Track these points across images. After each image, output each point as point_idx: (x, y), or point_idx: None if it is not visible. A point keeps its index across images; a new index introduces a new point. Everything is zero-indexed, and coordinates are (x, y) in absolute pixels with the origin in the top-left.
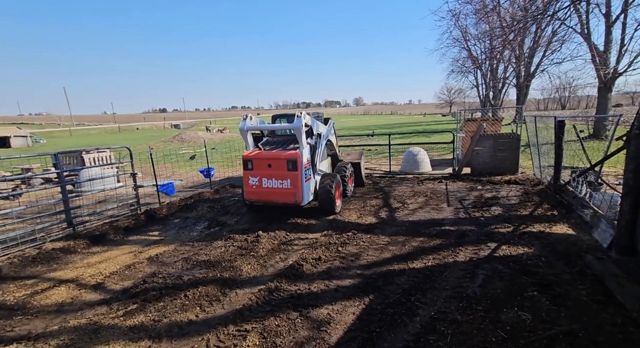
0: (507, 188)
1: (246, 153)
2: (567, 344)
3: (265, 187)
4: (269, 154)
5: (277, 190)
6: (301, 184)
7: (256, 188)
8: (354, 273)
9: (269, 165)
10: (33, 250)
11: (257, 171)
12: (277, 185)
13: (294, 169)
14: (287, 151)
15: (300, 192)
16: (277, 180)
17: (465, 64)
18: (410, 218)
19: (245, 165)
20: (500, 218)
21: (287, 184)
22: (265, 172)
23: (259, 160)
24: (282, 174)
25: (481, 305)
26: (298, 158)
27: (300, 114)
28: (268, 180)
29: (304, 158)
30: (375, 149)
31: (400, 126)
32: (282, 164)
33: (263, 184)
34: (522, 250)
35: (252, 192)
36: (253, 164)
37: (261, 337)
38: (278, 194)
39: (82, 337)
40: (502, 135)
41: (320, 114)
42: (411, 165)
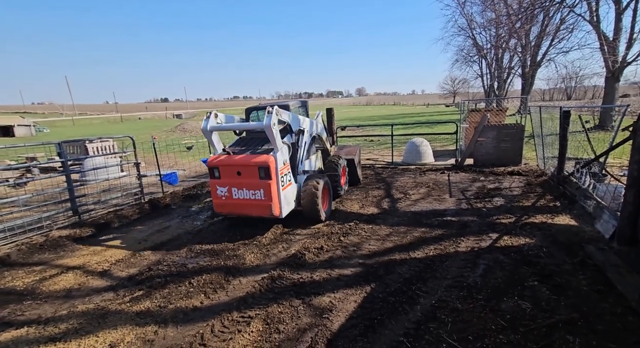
0: (510, 179)
1: (212, 158)
2: (566, 332)
3: (236, 199)
4: (238, 159)
5: (249, 201)
6: (277, 194)
7: (226, 199)
8: (356, 262)
9: (238, 173)
10: (40, 238)
11: (226, 180)
12: (249, 196)
13: (267, 176)
14: (258, 155)
15: (276, 204)
16: (249, 190)
17: (470, 53)
18: (412, 208)
19: (212, 173)
20: (503, 209)
21: (260, 195)
22: (235, 180)
23: (226, 167)
24: (254, 182)
25: (482, 294)
26: (271, 163)
27: (271, 110)
28: (238, 191)
29: (279, 162)
30: (377, 140)
31: (403, 117)
32: (253, 171)
33: (233, 195)
34: (524, 240)
35: (221, 204)
36: (220, 171)
37: (265, 323)
38: (251, 207)
39: (90, 322)
40: (506, 126)
41: (304, 103)
42: (414, 156)
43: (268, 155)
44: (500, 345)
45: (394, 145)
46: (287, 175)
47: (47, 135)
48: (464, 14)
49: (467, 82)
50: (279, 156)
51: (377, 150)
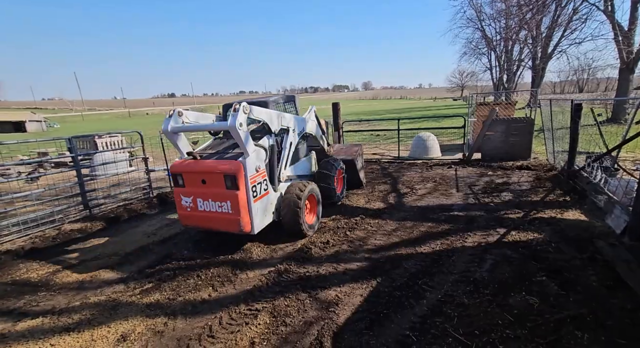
0: (518, 174)
1: (175, 163)
2: (575, 328)
3: (202, 210)
4: (203, 165)
5: (215, 214)
6: (247, 207)
7: (191, 211)
8: (362, 257)
9: (203, 181)
10: (53, 231)
11: (190, 188)
12: (215, 208)
13: (234, 186)
14: (226, 161)
15: (245, 218)
16: (215, 201)
17: (479, 45)
18: (419, 203)
19: (175, 180)
20: (511, 204)
21: (227, 207)
22: (200, 190)
23: (190, 174)
24: (220, 193)
25: (489, 289)
26: (238, 171)
27: (238, 107)
28: (204, 202)
29: (249, 169)
30: (384, 134)
31: (410, 111)
32: (219, 180)
33: (198, 206)
34: (532, 235)
35: (186, 216)
36: (184, 178)
37: (272, 316)
38: (217, 220)
39: (102, 313)
40: (515, 120)
41: (291, 98)
42: (420, 150)
43: (236, 161)
44: (507, 340)
45: (401, 139)
46: (261, 183)
47: (57, 131)
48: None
49: (476, 75)
50: (249, 162)
51: (384, 145)
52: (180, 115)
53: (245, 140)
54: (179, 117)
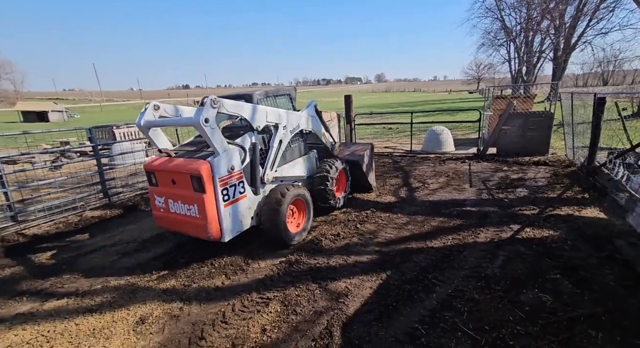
0: (535, 169)
1: (149, 160)
2: (589, 327)
3: (173, 212)
4: (173, 164)
5: (184, 218)
6: (216, 211)
7: (163, 212)
8: (372, 250)
9: (173, 181)
10: (75, 217)
11: (163, 188)
12: (184, 211)
13: (200, 189)
14: (194, 161)
15: (213, 224)
16: (184, 203)
17: (498, 36)
18: (431, 198)
19: (149, 178)
20: (526, 200)
21: (195, 211)
22: (170, 190)
23: (161, 172)
24: (188, 195)
25: (500, 285)
26: (204, 172)
27: (205, 101)
28: (174, 203)
29: (219, 170)
30: (396, 128)
31: (424, 104)
32: (186, 181)
33: (170, 208)
34: (547, 232)
35: (159, 216)
36: (157, 177)
37: (282, 305)
38: (187, 224)
39: (122, 296)
40: (533, 114)
41: (287, 92)
42: (433, 144)
43: (203, 161)
44: (518, 336)
45: (413, 133)
46: (235, 186)
47: (77, 121)
48: None
49: (493, 68)
50: (219, 162)
51: (396, 138)
52: (156, 108)
53: (213, 137)
54: (155, 111)
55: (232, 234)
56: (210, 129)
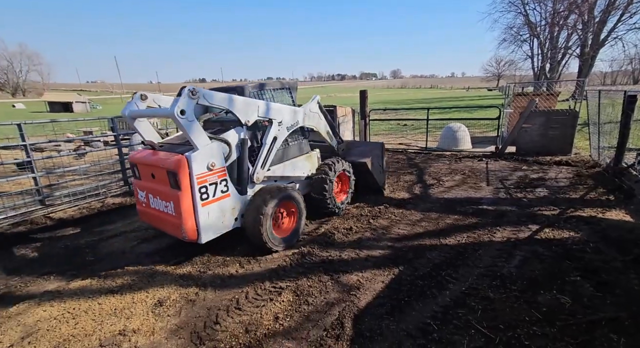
0: (556, 169)
1: (134, 152)
2: (610, 331)
3: (153, 208)
4: (154, 157)
5: (162, 215)
6: (192, 210)
7: (145, 207)
8: (384, 245)
9: (153, 176)
10: (97, 203)
11: (144, 182)
12: (162, 208)
13: (176, 185)
14: (172, 155)
15: (189, 224)
16: (162, 200)
17: (521, 31)
18: (446, 195)
19: (133, 171)
20: (546, 200)
21: (171, 209)
22: (151, 185)
23: (142, 166)
24: (166, 191)
25: (516, 285)
26: (180, 168)
27: (182, 91)
28: (154, 199)
29: (197, 165)
30: (411, 124)
31: (440, 101)
32: (164, 176)
33: (150, 203)
34: (568, 234)
35: (142, 211)
36: (139, 170)
37: (295, 294)
38: (164, 222)
39: (141, 279)
40: (556, 112)
41: (287, 86)
42: (450, 141)
43: (180, 155)
44: (534, 337)
45: (429, 130)
46: (217, 184)
47: (99, 112)
48: None
49: (515, 64)
50: (197, 157)
51: (411, 135)
52: (143, 98)
53: (190, 130)
54: (142, 101)
55: (211, 236)
56: (186, 122)
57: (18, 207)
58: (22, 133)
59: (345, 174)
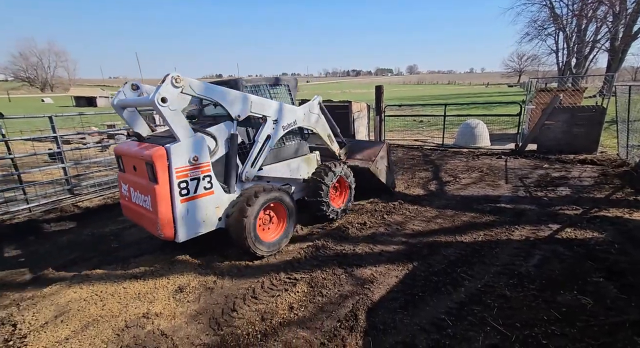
0: (580, 168)
1: (120, 144)
2: (635, 333)
3: (134, 203)
4: (136, 148)
5: (142, 210)
6: (169, 206)
7: (127, 201)
8: (399, 240)
9: (135, 168)
10: None
11: (128, 175)
12: (141, 203)
13: (153, 179)
14: (153, 146)
15: (165, 220)
16: (141, 193)
17: (545, 25)
18: (462, 193)
19: (118, 163)
20: (568, 199)
21: (149, 204)
22: (133, 178)
23: (125, 158)
24: (145, 185)
25: (534, 284)
26: (157, 159)
27: (167, 78)
28: (134, 192)
29: (177, 158)
30: (427, 121)
31: (458, 97)
32: (144, 168)
33: (132, 197)
34: (591, 234)
35: (125, 205)
36: (123, 162)
37: (309, 286)
38: (144, 218)
39: (163, 267)
40: (582, 108)
41: (286, 83)
42: (467, 138)
43: (159, 146)
44: (552, 337)
45: (446, 126)
46: (199, 179)
47: None
48: None
49: (538, 59)
50: (178, 149)
51: (427, 132)
52: (134, 88)
53: (172, 121)
54: (133, 91)
55: (189, 235)
56: (168, 111)
57: (49, 196)
58: (53, 125)
59: (344, 178)
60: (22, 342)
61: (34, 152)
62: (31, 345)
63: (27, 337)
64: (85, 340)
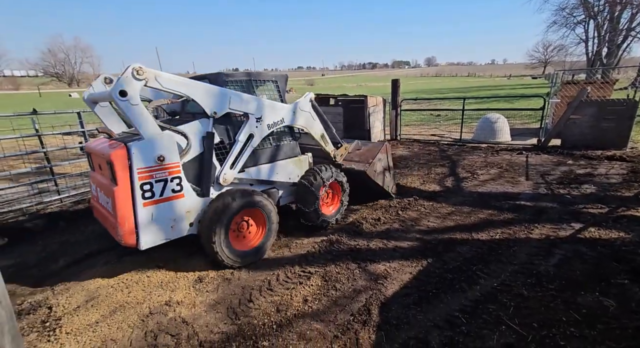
0: (607, 165)
1: (91, 140)
2: None
3: (100, 204)
4: (101, 146)
5: (106, 212)
6: (130, 210)
7: (95, 201)
8: (413, 236)
9: (100, 167)
10: None
11: (96, 174)
12: (104, 204)
13: (113, 180)
14: (118, 144)
15: (126, 225)
16: (105, 195)
17: (574, 12)
18: (479, 189)
19: (88, 161)
20: (593, 197)
21: (110, 206)
22: (99, 177)
23: (93, 155)
24: (107, 185)
25: (554, 284)
26: (117, 158)
27: (124, 72)
28: (100, 193)
29: (140, 157)
30: (445, 115)
31: (478, 90)
32: (106, 168)
33: (99, 198)
34: (617, 234)
35: (94, 206)
36: (92, 160)
37: (323, 280)
38: (107, 221)
39: (183, 257)
40: (611, 102)
41: (274, 78)
42: (486, 133)
43: (120, 144)
44: (571, 338)
45: (464, 121)
46: (166, 181)
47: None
48: None
49: (565, 49)
50: (140, 148)
51: (444, 126)
52: (107, 82)
53: (134, 116)
54: (107, 84)
55: (155, 242)
56: (128, 105)
57: (78, 187)
58: (81, 121)
59: (337, 183)
60: (57, 324)
61: (64, 146)
62: (65, 327)
63: (61, 319)
64: (113, 325)
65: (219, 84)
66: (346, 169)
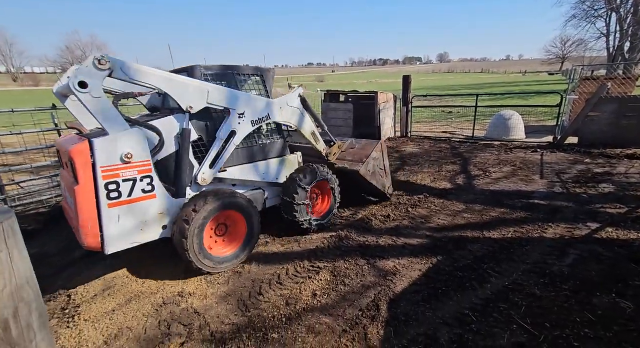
0: (627, 164)
1: (61, 137)
2: None
3: (67, 204)
4: (67, 143)
5: (71, 213)
6: (95, 212)
7: (64, 201)
8: (423, 234)
9: (67, 165)
10: None
11: (64, 172)
12: (70, 205)
13: (75, 178)
14: (79, 140)
15: (89, 228)
16: (70, 195)
17: (595, 5)
18: (492, 187)
19: (58, 158)
20: (611, 197)
21: (74, 207)
22: (66, 175)
23: (60, 153)
24: (70, 184)
25: (568, 284)
26: (78, 156)
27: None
28: (66, 192)
29: (105, 155)
30: (457, 112)
31: (491, 86)
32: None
33: (67, 197)
34: (636, 235)
35: (63, 206)
36: (61, 158)
37: (332, 275)
38: (73, 222)
39: None
40: (633, 98)
41: (259, 72)
42: (500, 131)
43: (82, 139)
44: (585, 339)
45: (477, 118)
46: (135, 181)
47: None
48: None
49: (585, 44)
50: (105, 144)
51: (456, 123)
52: None
53: (96, 110)
54: None
55: (122, 246)
56: (89, 98)
57: None
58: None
59: (327, 183)
60: (76, 311)
61: None
62: (84, 314)
63: (80, 307)
64: (129, 313)
65: (196, 77)
66: (339, 168)
